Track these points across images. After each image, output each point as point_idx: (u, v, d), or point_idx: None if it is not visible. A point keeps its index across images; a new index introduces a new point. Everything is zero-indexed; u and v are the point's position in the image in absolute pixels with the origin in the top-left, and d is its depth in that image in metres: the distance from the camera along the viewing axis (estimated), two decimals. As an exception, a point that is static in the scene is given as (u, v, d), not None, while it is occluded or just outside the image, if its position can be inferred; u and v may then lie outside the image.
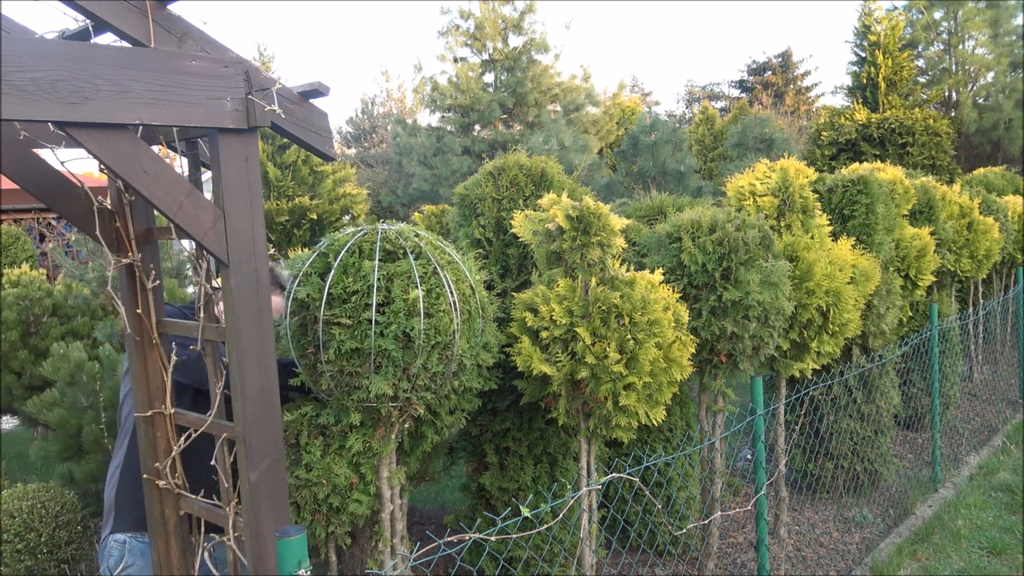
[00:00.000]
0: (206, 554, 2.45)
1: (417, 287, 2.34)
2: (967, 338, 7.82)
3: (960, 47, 18.93)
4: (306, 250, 2.66)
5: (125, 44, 1.92)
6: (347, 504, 2.63)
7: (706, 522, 4.00)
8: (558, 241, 2.96)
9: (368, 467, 2.72)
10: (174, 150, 2.42)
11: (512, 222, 3.18)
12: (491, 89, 15.86)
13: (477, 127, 16.08)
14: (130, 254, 2.36)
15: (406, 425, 2.66)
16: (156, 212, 2.16)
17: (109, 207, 2.34)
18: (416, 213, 5.61)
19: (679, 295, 3.20)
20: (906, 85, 18.11)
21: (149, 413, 2.41)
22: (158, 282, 2.41)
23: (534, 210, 3.22)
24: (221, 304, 2.21)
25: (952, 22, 18.79)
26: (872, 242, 4.86)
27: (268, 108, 2.07)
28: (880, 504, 5.19)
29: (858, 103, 18.02)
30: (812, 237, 4.25)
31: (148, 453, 2.43)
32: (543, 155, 3.85)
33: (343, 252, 2.40)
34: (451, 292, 2.41)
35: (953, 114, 18.73)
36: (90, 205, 2.26)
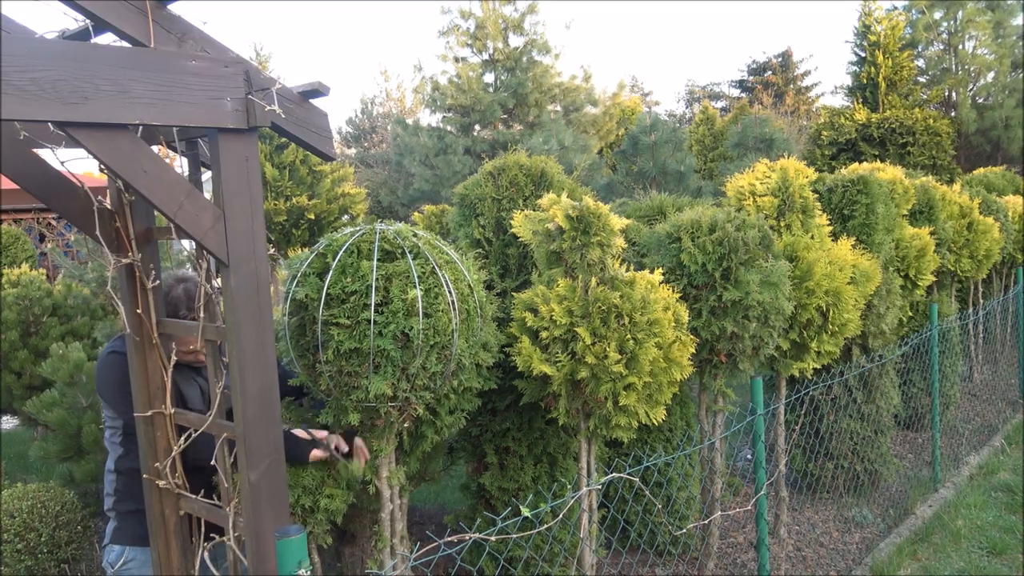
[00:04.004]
0: (206, 554, 2.45)
1: (415, 287, 2.34)
2: (967, 338, 7.82)
3: (961, 47, 18.93)
4: (305, 250, 2.66)
5: (125, 44, 1.92)
6: (319, 502, 2.63)
7: (706, 522, 4.00)
8: (558, 241, 2.96)
9: (368, 467, 2.72)
10: (174, 150, 2.42)
11: (512, 222, 3.18)
12: (492, 89, 15.86)
13: (477, 127, 16.08)
14: (130, 254, 2.36)
15: (405, 425, 2.66)
16: (156, 212, 2.16)
17: (109, 207, 2.34)
18: (416, 213, 5.61)
19: (679, 295, 3.20)
20: (906, 85, 18.12)
21: (149, 413, 2.41)
22: (158, 282, 2.41)
23: (534, 210, 3.22)
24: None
25: (952, 22, 18.80)
26: (872, 242, 4.86)
27: (268, 108, 2.07)
28: (880, 504, 5.18)
29: (858, 103, 18.03)
30: (812, 237, 4.25)
31: (148, 453, 2.43)
32: (543, 155, 3.85)
33: (341, 252, 2.39)
34: (449, 292, 2.41)
35: (953, 114, 18.74)
36: (90, 205, 2.26)
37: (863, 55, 18.43)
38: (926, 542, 4.67)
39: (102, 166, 1.93)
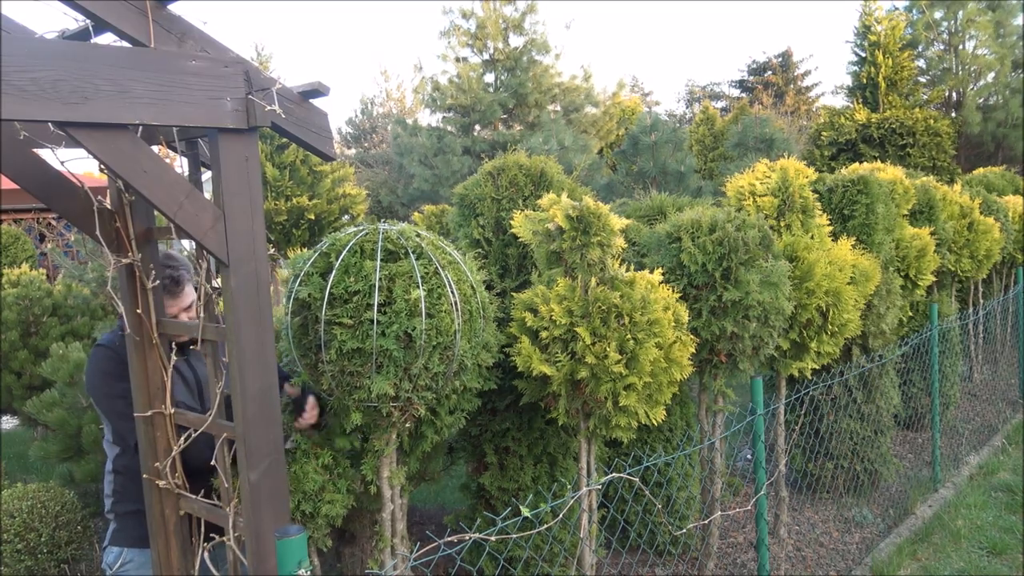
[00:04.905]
0: (206, 554, 2.45)
1: (419, 287, 2.34)
2: (967, 338, 7.82)
3: (961, 47, 18.94)
4: (305, 250, 2.66)
5: (125, 44, 1.92)
6: (320, 507, 2.63)
7: (706, 522, 4.00)
8: (558, 241, 2.96)
9: (369, 467, 2.72)
10: (174, 150, 2.42)
11: (512, 222, 3.18)
12: (492, 89, 15.86)
13: (477, 127, 16.08)
14: (130, 254, 2.36)
15: (406, 425, 2.66)
16: (156, 212, 2.16)
17: (109, 207, 2.34)
18: (416, 213, 5.61)
19: (679, 295, 3.20)
20: (906, 85, 18.12)
21: (149, 413, 2.41)
22: (158, 282, 2.41)
23: (534, 210, 3.22)
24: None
25: (953, 22, 18.80)
26: (872, 242, 4.86)
27: (268, 108, 2.07)
28: (880, 504, 5.19)
29: (858, 103, 18.03)
30: (812, 237, 4.25)
31: (148, 453, 2.43)
32: (543, 155, 3.85)
33: (345, 252, 2.39)
34: (453, 292, 2.41)
35: (954, 114, 18.75)
36: (90, 205, 2.26)
37: (863, 55, 18.43)
38: (926, 542, 4.67)
39: (102, 166, 1.93)
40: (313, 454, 2.66)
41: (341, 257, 2.38)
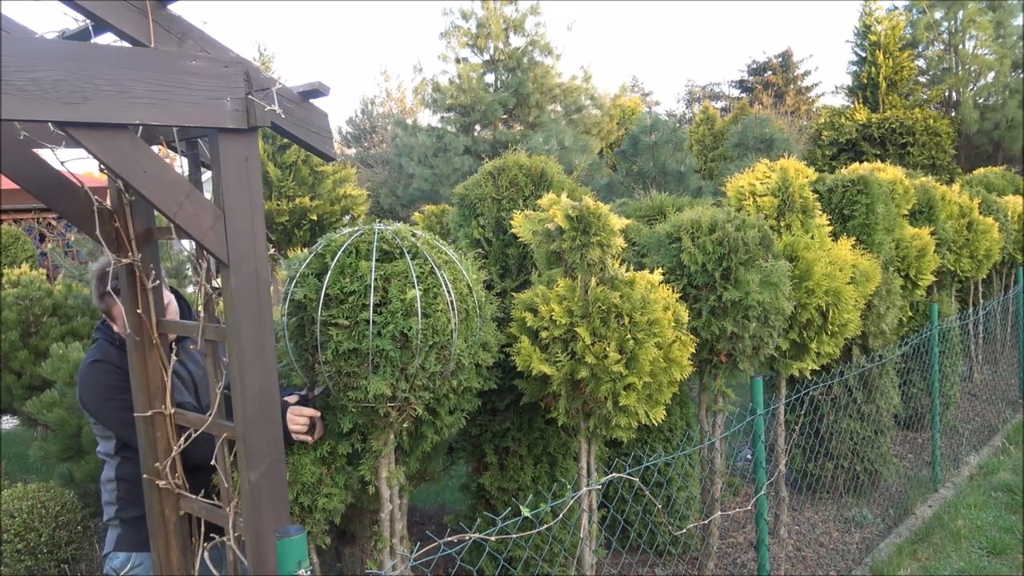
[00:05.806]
0: (206, 554, 2.45)
1: (414, 287, 2.34)
2: (967, 338, 7.82)
3: (961, 47, 18.95)
4: (305, 250, 2.66)
5: (125, 44, 1.92)
6: (318, 500, 2.63)
7: (706, 522, 4.00)
8: (558, 241, 2.96)
9: (367, 468, 2.72)
10: (174, 150, 2.42)
11: (512, 222, 3.18)
12: (492, 89, 15.86)
13: (478, 127, 16.08)
14: (130, 254, 2.36)
15: (404, 425, 2.66)
16: (156, 212, 2.16)
17: (109, 207, 2.34)
18: (416, 213, 5.61)
19: (679, 295, 3.20)
20: (906, 85, 18.15)
21: (149, 413, 2.41)
22: (158, 282, 2.41)
23: (534, 210, 3.22)
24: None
25: (953, 22, 18.81)
26: (872, 242, 4.86)
27: (268, 108, 2.07)
28: (880, 504, 5.18)
29: (858, 103, 18.05)
30: (812, 237, 4.25)
31: (148, 453, 2.43)
32: (543, 155, 3.85)
33: (340, 252, 2.39)
34: (448, 292, 2.41)
35: (953, 114, 18.76)
36: (90, 205, 2.26)
37: (863, 55, 18.46)
38: (926, 542, 4.67)
39: (102, 166, 1.93)
40: (311, 446, 2.65)
41: (336, 258, 2.38)
